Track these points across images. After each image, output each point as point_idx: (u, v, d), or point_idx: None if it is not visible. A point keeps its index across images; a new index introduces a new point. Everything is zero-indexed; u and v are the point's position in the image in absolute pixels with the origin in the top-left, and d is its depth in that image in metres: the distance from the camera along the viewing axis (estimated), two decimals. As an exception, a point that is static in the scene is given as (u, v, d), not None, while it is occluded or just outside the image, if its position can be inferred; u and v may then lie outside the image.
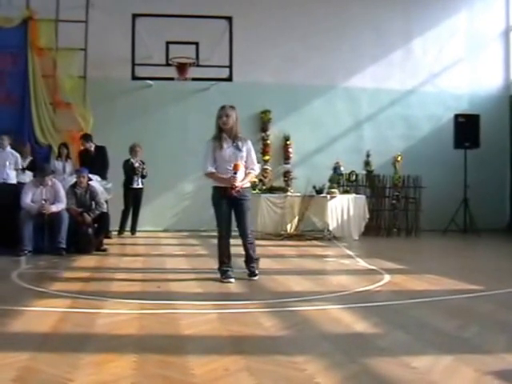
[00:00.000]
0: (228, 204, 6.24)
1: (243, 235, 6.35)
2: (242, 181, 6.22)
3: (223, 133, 6.22)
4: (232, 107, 6.29)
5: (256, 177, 8.13)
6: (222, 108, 6.27)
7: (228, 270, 6.27)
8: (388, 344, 3.81)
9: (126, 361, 3.36)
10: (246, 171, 6.30)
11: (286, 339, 3.94)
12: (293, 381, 3.09)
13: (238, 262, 6.59)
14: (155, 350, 3.61)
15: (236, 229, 6.42)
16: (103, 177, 10.58)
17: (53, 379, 3.03)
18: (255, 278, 6.36)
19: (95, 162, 10.55)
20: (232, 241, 6.41)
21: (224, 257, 6.31)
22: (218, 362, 3.38)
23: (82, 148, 11.01)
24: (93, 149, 10.87)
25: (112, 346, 3.70)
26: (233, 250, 6.43)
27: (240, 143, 6.26)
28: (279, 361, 3.41)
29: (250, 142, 6.44)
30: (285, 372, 3.21)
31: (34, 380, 3.04)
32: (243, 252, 6.46)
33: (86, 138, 10.96)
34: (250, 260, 6.44)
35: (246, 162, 6.28)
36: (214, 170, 6.23)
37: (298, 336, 4.05)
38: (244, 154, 6.27)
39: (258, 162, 7.08)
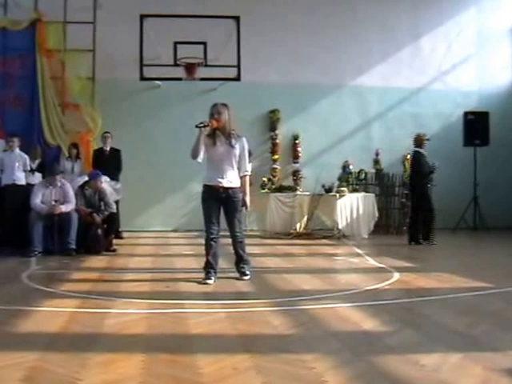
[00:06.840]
0: (217, 203, 6.13)
1: (232, 234, 6.26)
2: (245, 191, 6.22)
3: (216, 130, 6.07)
4: (224, 105, 6.14)
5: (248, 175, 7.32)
6: (214, 106, 6.11)
7: (209, 272, 6.09)
8: (396, 342, 3.80)
9: (135, 360, 3.36)
10: (240, 174, 6.19)
11: (295, 338, 3.94)
12: (301, 379, 3.09)
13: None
14: (163, 349, 3.62)
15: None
16: (115, 178, 10.65)
17: (61, 379, 3.05)
18: (246, 278, 6.24)
19: (109, 163, 10.64)
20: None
21: (209, 256, 6.13)
22: (226, 360, 3.39)
23: (98, 147, 11.17)
24: (108, 149, 10.96)
25: (120, 346, 3.71)
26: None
27: (233, 140, 6.10)
28: (287, 359, 3.41)
29: (244, 140, 6.25)
30: (293, 370, 3.20)
31: (41, 379, 3.05)
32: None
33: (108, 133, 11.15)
34: (239, 260, 6.34)
35: (238, 161, 6.15)
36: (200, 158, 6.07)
37: (306, 334, 4.05)
38: (237, 151, 6.12)
39: (251, 162, 6.83)
